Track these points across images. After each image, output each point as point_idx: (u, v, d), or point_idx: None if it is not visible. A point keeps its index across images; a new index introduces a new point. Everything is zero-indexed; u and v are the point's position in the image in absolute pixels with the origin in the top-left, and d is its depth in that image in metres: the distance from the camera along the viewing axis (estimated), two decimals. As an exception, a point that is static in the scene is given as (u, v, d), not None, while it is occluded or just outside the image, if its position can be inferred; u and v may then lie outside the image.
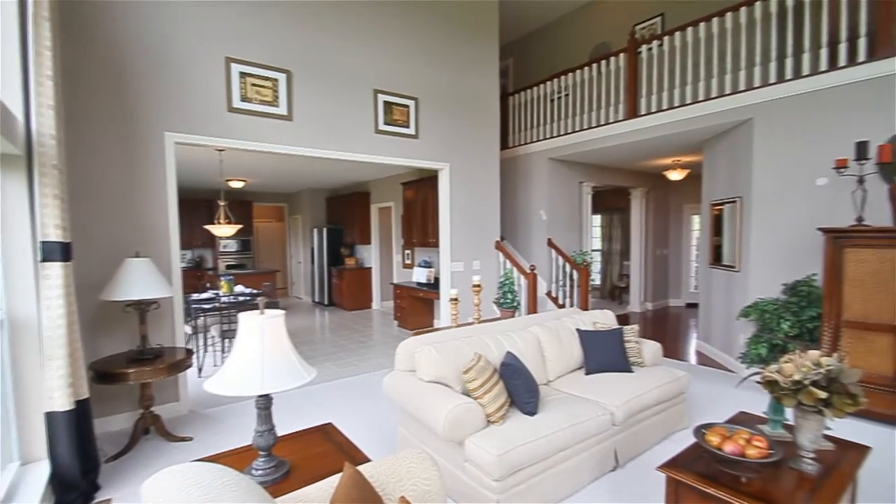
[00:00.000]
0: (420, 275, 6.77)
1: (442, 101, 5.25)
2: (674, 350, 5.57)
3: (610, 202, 9.17)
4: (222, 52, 3.76)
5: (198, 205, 9.06)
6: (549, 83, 6.31)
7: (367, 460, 1.73)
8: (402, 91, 4.90)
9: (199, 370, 4.84)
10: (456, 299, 3.49)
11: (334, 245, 9.33)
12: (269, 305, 5.46)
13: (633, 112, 5.28)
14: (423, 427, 2.49)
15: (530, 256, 6.62)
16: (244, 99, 3.89)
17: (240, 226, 6.37)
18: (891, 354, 3.14)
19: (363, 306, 8.85)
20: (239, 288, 6.00)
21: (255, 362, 1.31)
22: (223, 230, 6.04)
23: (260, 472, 1.52)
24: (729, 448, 1.89)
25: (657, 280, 8.41)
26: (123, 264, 2.97)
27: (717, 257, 5.11)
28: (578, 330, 3.45)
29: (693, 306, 7.80)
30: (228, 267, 9.67)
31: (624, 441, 2.79)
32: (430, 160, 5.19)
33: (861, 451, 2.15)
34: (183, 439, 3.17)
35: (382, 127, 4.75)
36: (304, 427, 2.14)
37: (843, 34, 3.69)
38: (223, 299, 5.29)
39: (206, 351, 5.26)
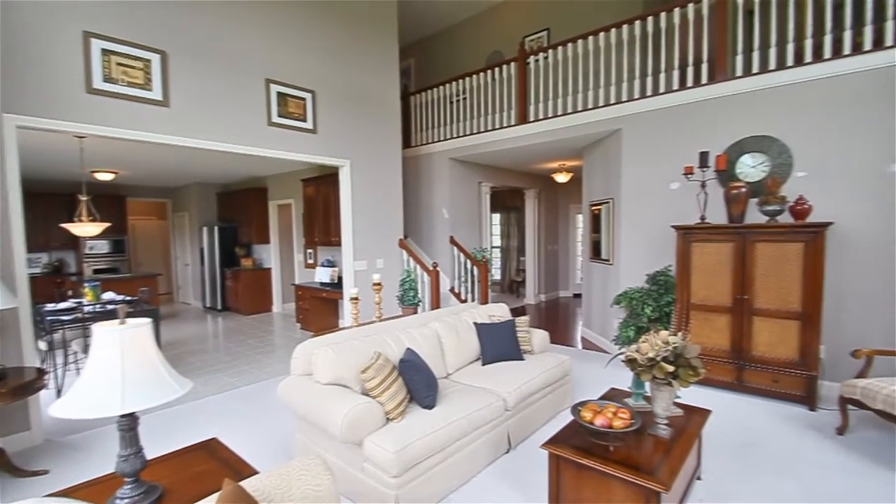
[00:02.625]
0: (323, 274, 6.56)
1: (341, 97, 5.12)
2: (563, 337, 6.09)
3: (508, 202, 9.70)
4: (79, 25, 3.27)
5: (54, 200, 7.78)
6: (448, 85, 6.48)
7: (255, 473, 1.65)
8: (298, 83, 4.69)
9: (59, 392, 4.19)
10: (356, 298, 3.45)
11: (228, 245, 8.63)
12: (148, 313, 4.89)
13: (523, 118, 5.65)
14: (322, 432, 2.43)
15: (434, 254, 6.76)
16: (108, 80, 3.43)
17: (108, 224, 5.59)
18: (727, 331, 3.77)
19: (262, 310, 8.33)
20: (108, 295, 5.28)
21: (114, 378, 1.18)
22: (86, 229, 5.26)
23: (125, 501, 1.37)
24: (599, 421, 2.13)
25: (549, 273, 9.12)
26: (-57, 273, 2.46)
27: (596, 252, 5.69)
28: (475, 323, 3.62)
29: (579, 296, 8.59)
30: (97, 271, 8.45)
31: (516, 424, 2.99)
32: (329, 156, 5.04)
33: (704, 413, 2.56)
34: (35, 473, 2.73)
35: (276, 119, 4.50)
36: (188, 445, 1.98)
37: (691, 59, 4.33)
38: (87, 309, 4.62)
39: (66, 370, 4.55)
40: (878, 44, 3.50)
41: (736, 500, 2.37)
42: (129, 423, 1.29)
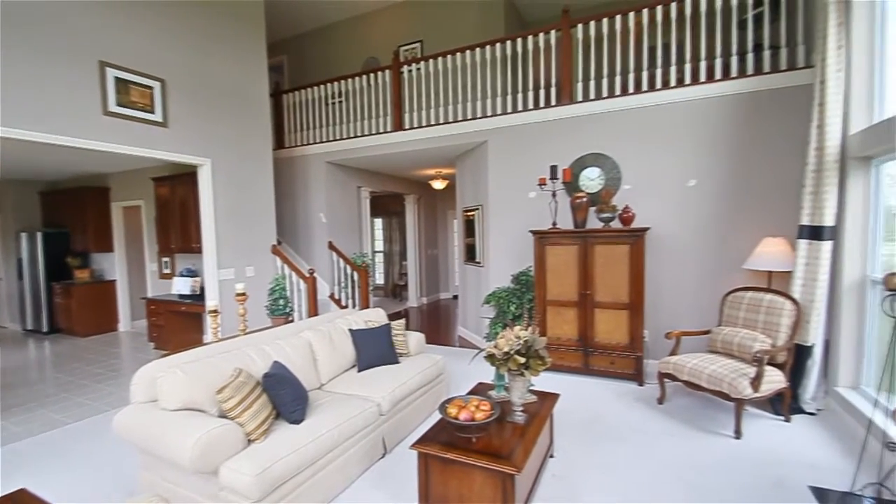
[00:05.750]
0: (182, 285, 5.89)
1: (199, 88, 4.66)
2: (443, 337, 6.34)
3: (389, 207, 9.77)
4: None
5: None
6: (325, 86, 6.30)
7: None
8: (144, 69, 4.15)
9: None
10: (216, 311, 3.18)
11: (57, 254, 7.24)
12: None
13: (399, 125, 5.76)
14: (170, 465, 2.19)
15: (312, 260, 6.52)
16: None
17: None
18: (575, 323, 4.30)
19: (105, 329, 7.15)
20: None
21: None
22: None
23: None
24: (463, 415, 2.27)
25: (430, 277, 9.42)
26: None
27: (470, 255, 6.03)
28: (351, 330, 3.59)
29: (457, 298, 9.02)
30: None
31: (391, 428, 3.04)
32: (185, 154, 4.55)
33: (554, 398, 2.88)
34: None
35: (114, 108, 3.93)
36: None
37: (543, 82, 4.86)
38: None
39: None
40: (681, 82, 4.32)
41: (583, 471, 2.71)
42: None
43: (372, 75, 5.98)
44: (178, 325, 5.75)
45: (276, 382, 2.50)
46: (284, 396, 2.48)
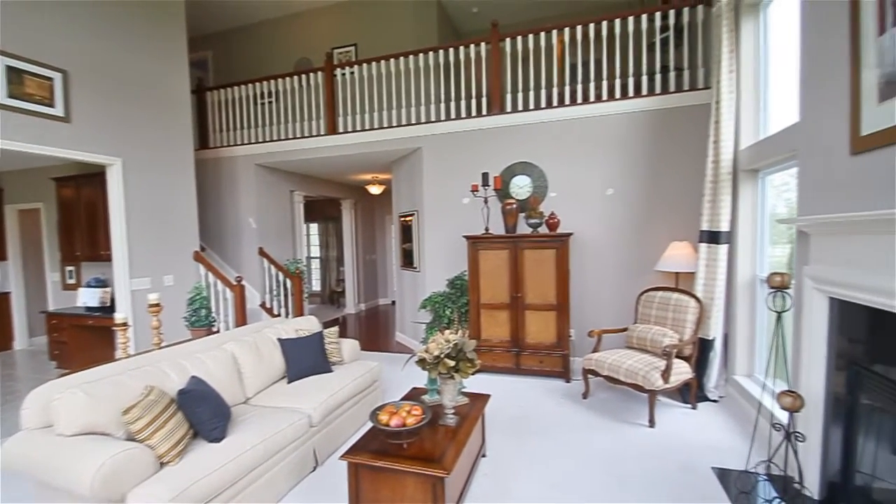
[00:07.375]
0: (90, 297, 5.36)
1: (109, 82, 4.28)
2: (381, 343, 6.29)
3: (326, 212, 9.52)
4: None
5: None
6: (254, 85, 6.03)
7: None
8: (42, 59, 3.76)
9: None
10: (125, 324, 2.93)
11: (-70, 264, 6.31)
12: None
13: (332, 128, 5.65)
14: (69, 496, 1.98)
15: (241, 267, 6.19)
16: None
17: None
18: (507, 325, 4.44)
19: (-3, 348, 6.34)
20: None
21: None
22: None
23: None
24: (394, 422, 2.26)
25: (368, 282, 9.30)
26: None
27: (407, 261, 6.04)
28: (280, 339, 3.46)
29: (396, 303, 8.98)
30: None
31: (323, 439, 2.96)
32: (91, 152, 4.15)
33: (485, 398, 2.96)
34: None
35: (5, 101, 3.51)
36: None
37: (474, 92, 5.00)
38: None
39: None
40: (599, 98, 4.62)
41: (513, 468, 2.81)
42: None
43: (304, 76, 5.81)
44: (84, 341, 5.22)
45: (192, 399, 2.35)
46: (202, 414, 2.34)
